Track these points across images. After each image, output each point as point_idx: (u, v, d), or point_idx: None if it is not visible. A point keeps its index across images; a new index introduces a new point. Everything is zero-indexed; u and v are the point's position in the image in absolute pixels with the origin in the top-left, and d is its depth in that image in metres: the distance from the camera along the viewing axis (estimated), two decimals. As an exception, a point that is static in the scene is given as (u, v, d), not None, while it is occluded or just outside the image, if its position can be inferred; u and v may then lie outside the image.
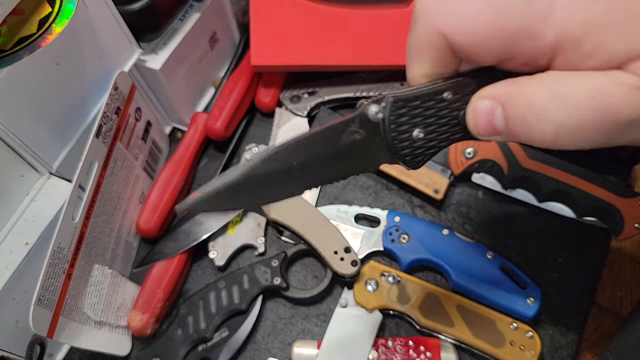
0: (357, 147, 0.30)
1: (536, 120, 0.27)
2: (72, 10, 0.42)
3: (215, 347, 0.48)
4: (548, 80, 0.27)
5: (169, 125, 0.63)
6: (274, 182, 0.30)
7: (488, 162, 0.53)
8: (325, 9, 0.57)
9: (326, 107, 0.60)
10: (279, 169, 0.29)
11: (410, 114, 0.30)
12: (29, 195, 0.45)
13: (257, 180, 0.29)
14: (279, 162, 0.29)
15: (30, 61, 0.39)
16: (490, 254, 0.49)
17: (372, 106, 0.30)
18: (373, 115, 0.30)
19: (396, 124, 0.30)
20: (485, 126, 0.29)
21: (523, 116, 0.27)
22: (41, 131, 0.44)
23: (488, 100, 0.29)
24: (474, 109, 0.29)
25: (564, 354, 0.49)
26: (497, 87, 0.29)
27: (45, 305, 0.40)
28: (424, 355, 0.46)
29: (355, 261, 0.49)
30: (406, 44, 0.31)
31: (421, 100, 0.30)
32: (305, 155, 0.30)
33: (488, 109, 0.29)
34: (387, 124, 0.30)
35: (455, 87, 0.30)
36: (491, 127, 0.29)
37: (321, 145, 0.30)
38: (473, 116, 0.30)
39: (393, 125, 0.30)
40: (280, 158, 0.29)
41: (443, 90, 0.30)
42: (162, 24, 0.52)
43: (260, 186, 0.29)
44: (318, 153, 0.30)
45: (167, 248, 0.52)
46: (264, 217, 0.54)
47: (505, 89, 0.29)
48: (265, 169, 0.29)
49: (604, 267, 0.53)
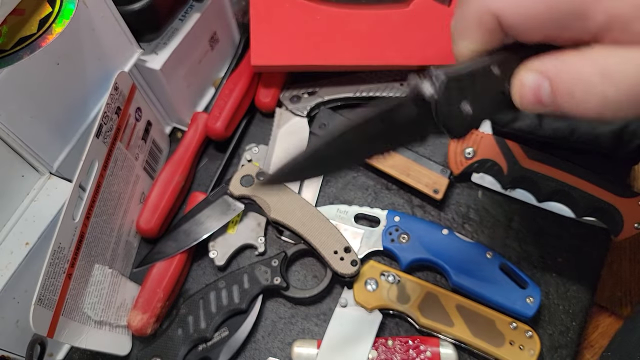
0: (408, 122, 0.31)
1: (584, 94, 0.28)
2: (72, 11, 0.42)
3: (216, 346, 0.48)
4: (597, 56, 0.28)
5: (169, 125, 0.63)
6: (334, 160, 0.32)
7: (488, 162, 0.53)
8: (326, 9, 0.57)
9: (326, 107, 0.60)
10: (338, 151, 0.31)
11: (460, 88, 0.31)
12: (29, 195, 0.45)
13: (320, 159, 0.31)
14: (339, 145, 0.31)
15: (31, 61, 0.39)
16: (489, 254, 0.49)
17: (425, 85, 0.30)
18: (427, 94, 0.30)
19: (447, 100, 0.31)
20: (531, 99, 0.30)
21: (571, 90, 0.28)
22: (41, 131, 0.44)
23: (535, 74, 0.29)
24: (521, 82, 0.30)
25: (564, 354, 0.49)
26: (544, 61, 0.30)
27: (45, 305, 0.40)
28: (424, 355, 0.46)
29: (355, 261, 0.49)
30: (453, 19, 0.32)
31: (471, 76, 0.31)
32: (362, 136, 0.31)
33: (535, 82, 0.29)
34: (440, 100, 0.30)
35: (503, 61, 0.31)
36: (537, 101, 0.30)
37: (377, 125, 0.31)
38: (519, 89, 0.30)
39: (444, 102, 0.30)
40: (339, 142, 0.31)
41: (491, 64, 0.31)
42: (163, 24, 0.52)
43: (322, 164, 0.32)
44: (374, 132, 0.31)
45: (167, 248, 0.52)
46: (264, 216, 0.54)
47: (552, 63, 0.29)
48: (327, 151, 0.31)
49: (604, 267, 0.53)
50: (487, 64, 0.31)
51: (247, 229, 0.55)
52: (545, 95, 0.29)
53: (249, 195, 0.52)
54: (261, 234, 0.54)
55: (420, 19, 0.57)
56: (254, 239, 0.54)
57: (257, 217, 0.55)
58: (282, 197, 0.52)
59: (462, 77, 0.30)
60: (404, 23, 0.57)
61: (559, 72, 0.29)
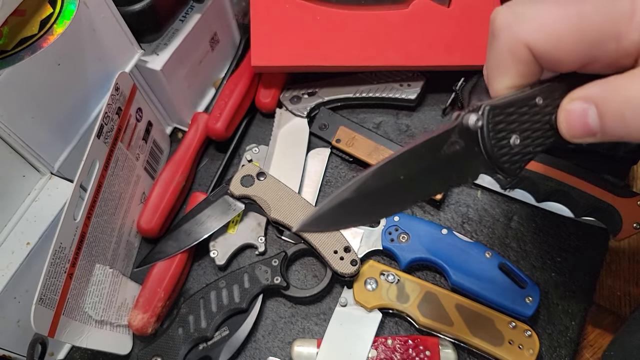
0: (457, 157, 0.31)
1: (634, 115, 0.27)
2: (73, 11, 0.42)
3: (216, 346, 0.49)
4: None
5: (170, 126, 0.63)
6: (383, 198, 0.30)
7: (487, 162, 0.53)
8: (325, 10, 0.57)
9: (326, 107, 0.60)
10: (387, 184, 0.29)
11: (506, 120, 0.30)
12: (30, 195, 0.45)
13: (367, 196, 0.29)
14: (387, 176, 0.29)
15: (32, 62, 0.40)
16: (489, 254, 0.49)
17: (471, 115, 0.30)
18: (473, 124, 0.30)
19: (494, 132, 0.30)
20: (578, 127, 0.29)
21: (620, 113, 0.28)
22: (42, 131, 0.44)
23: (580, 101, 0.29)
24: (567, 111, 0.30)
25: (563, 353, 0.49)
26: (587, 89, 0.29)
27: (46, 304, 0.40)
28: (424, 354, 0.47)
29: (354, 260, 0.49)
30: (486, 59, 0.32)
31: (516, 107, 0.30)
32: (410, 168, 0.30)
33: (581, 110, 0.29)
34: (486, 132, 0.30)
35: (546, 92, 0.30)
36: (585, 128, 0.29)
37: (424, 157, 0.30)
38: (565, 118, 0.30)
39: (491, 132, 0.30)
40: (387, 172, 0.29)
41: (535, 96, 0.30)
42: (163, 24, 0.53)
43: (370, 202, 0.30)
44: (422, 166, 0.30)
45: (168, 247, 0.52)
46: (265, 216, 0.54)
47: (597, 88, 0.29)
48: (373, 185, 0.29)
49: (603, 267, 0.53)
50: (531, 94, 0.30)
51: (248, 229, 0.55)
52: (593, 121, 0.29)
53: (249, 195, 0.53)
54: (261, 234, 0.54)
55: (419, 20, 0.58)
56: (254, 239, 0.54)
57: (257, 217, 0.55)
58: (282, 197, 0.52)
59: (506, 106, 0.30)
60: (404, 24, 0.58)
61: (606, 97, 0.28)
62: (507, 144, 0.30)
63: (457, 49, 0.57)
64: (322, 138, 0.59)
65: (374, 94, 0.60)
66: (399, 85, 0.60)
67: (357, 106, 0.62)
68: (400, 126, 0.61)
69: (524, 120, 0.30)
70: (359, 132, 0.57)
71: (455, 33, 0.57)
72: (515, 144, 0.31)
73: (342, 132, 0.58)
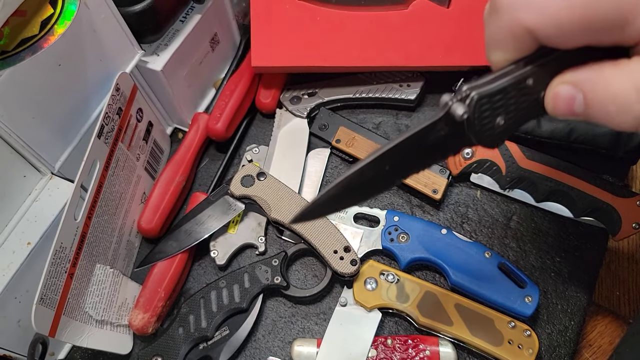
0: (442, 140, 0.32)
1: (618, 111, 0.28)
2: (74, 12, 0.42)
3: (216, 345, 0.49)
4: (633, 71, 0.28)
5: (170, 126, 0.63)
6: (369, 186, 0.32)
7: (486, 163, 0.53)
8: (326, 11, 0.57)
9: (326, 108, 0.60)
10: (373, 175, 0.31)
11: (493, 107, 0.30)
12: (31, 195, 0.45)
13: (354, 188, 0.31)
14: (373, 170, 0.31)
15: (33, 62, 0.40)
16: (488, 254, 0.50)
17: (458, 107, 0.30)
18: (459, 116, 0.30)
19: (480, 119, 0.30)
20: (563, 109, 0.30)
21: (605, 106, 0.28)
22: (43, 132, 0.44)
23: (569, 86, 0.29)
24: (555, 94, 0.30)
25: (562, 353, 0.49)
26: (579, 74, 0.29)
27: (47, 304, 0.40)
28: (423, 354, 0.47)
29: (354, 260, 0.49)
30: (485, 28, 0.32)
31: (504, 92, 0.30)
32: (395, 159, 0.31)
33: (569, 95, 0.29)
34: (472, 121, 0.30)
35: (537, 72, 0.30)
36: (569, 110, 0.30)
37: (409, 148, 0.31)
38: (553, 100, 0.30)
39: (477, 120, 0.30)
40: (374, 167, 0.31)
41: (526, 77, 0.30)
42: (163, 25, 0.53)
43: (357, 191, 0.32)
44: (406, 155, 0.31)
45: (168, 247, 0.52)
46: (265, 216, 0.54)
47: (588, 76, 0.29)
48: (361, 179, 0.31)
49: (602, 267, 0.53)
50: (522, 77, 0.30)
51: (248, 229, 0.55)
52: (578, 107, 0.29)
53: (249, 195, 0.53)
54: (261, 234, 0.54)
55: (419, 20, 0.58)
56: (254, 239, 0.54)
57: (257, 216, 0.55)
58: (282, 197, 0.52)
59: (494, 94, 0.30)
60: (403, 24, 0.58)
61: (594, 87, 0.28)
62: (492, 126, 0.31)
63: (456, 49, 0.57)
64: (322, 138, 0.59)
65: (374, 94, 0.60)
66: (398, 86, 0.60)
67: (357, 106, 0.63)
68: (400, 126, 0.61)
69: (511, 102, 0.31)
70: (359, 133, 0.58)
71: (454, 33, 0.57)
72: (500, 124, 0.31)
73: (342, 132, 0.58)
